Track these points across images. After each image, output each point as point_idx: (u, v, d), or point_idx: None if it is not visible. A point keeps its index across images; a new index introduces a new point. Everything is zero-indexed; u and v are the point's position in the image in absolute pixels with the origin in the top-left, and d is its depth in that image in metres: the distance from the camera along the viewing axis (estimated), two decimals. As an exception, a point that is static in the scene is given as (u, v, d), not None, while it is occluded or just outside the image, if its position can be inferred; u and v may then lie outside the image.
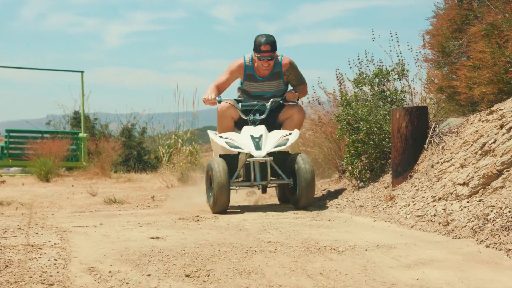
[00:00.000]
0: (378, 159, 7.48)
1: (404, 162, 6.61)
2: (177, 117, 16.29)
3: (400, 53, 8.03)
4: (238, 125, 7.39)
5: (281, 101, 7.30)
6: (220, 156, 6.96)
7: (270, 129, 7.20)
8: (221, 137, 7.02)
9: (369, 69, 7.97)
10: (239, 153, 6.96)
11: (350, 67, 8.19)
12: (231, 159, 6.93)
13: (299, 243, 4.52)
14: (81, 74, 19.87)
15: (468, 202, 5.13)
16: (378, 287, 3.44)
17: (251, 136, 6.81)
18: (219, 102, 7.26)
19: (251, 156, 6.76)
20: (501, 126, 5.50)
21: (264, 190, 7.08)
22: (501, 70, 6.15)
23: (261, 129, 6.93)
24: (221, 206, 6.49)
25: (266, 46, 7.16)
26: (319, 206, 6.93)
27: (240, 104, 7.31)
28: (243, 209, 6.97)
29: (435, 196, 5.58)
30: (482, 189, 5.20)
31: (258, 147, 6.69)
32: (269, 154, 6.73)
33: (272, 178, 6.87)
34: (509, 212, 4.46)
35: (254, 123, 7.12)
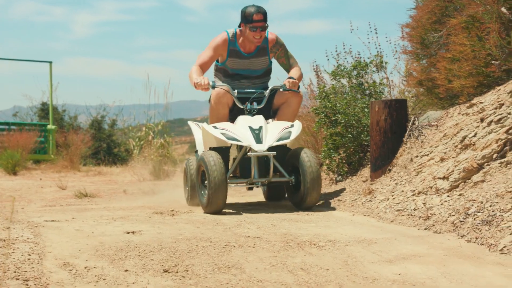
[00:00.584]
0: (356, 153, 7.52)
1: (383, 156, 6.65)
2: (148, 109, 16.25)
3: (379, 45, 8.10)
4: (230, 114, 6.78)
5: (281, 89, 6.69)
6: (211, 148, 6.50)
7: (264, 116, 6.66)
8: (215, 127, 6.38)
9: (347, 61, 8.01)
10: (231, 146, 6.62)
11: (328, 59, 8.23)
12: (222, 153, 6.44)
13: (278, 238, 4.54)
14: (50, 65, 19.73)
15: (448, 196, 5.17)
16: (360, 283, 3.46)
17: (250, 127, 6.24)
18: (213, 87, 6.58)
19: (248, 150, 6.30)
20: (482, 120, 5.56)
21: (251, 188, 6.85)
22: (481, 63, 6.20)
23: (260, 120, 6.37)
24: (217, 206, 5.99)
25: (258, 15, 6.64)
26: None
27: (236, 91, 6.69)
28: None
29: (414, 190, 5.62)
30: (463, 183, 5.25)
31: (258, 140, 6.14)
32: (269, 148, 6.18)
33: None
34: (490, 206, 4.50)
35: (251, 112, 6.55)
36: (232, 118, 6.69)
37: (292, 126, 6.38)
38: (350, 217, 5.66)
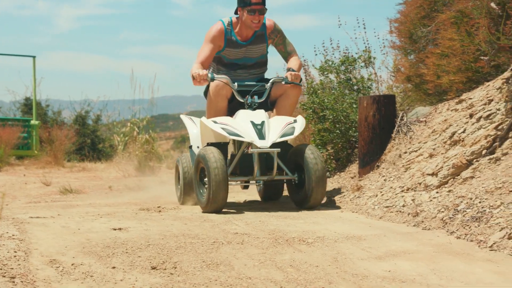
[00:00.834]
0: (344, 149, 7.54)
1: (371, 152, 6.66)
2: (133, 104, 16.22)
3: (367, 40, 8.10)
4: (229, 107, 6.50)
5: (283, 83, 6.40)
6: (209, 144, 6.20)
7: (263, 107, 6.39)
8: (215, 122, 6.09)
9: (335, 57, 8.03)
10: (229, 141, 6.37)
11: (316, 54, 8.24)
12: (220, 149, 6.07)
13: (266, 235, 4.54)
14: (33, 59, 19.65)
15: (437, 192, 5.19)
16: (350, 279, 3.47)
17: (252, 122, 5.96)
18: (212, 80, 6.27)
19: (249, 146, 6.10)
20: (471, 116, 5.58)
21: (247, 186, 6.68)
22: (470, 58, 6.23)
23: (261, 115, 6.09)
24: (217, 205, 5.73)
25: None
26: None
27: (236, 83, 6.41)
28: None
29: (403, 187, 5.64)
30: (452, 179, 5.27)
31: (261, 136, 5.86)
32: (272, 145, 5.90)
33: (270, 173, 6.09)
34: (480, 202, 4.52)
35: (252, 106, 6.26)
36: (230, 111, 6.44)
37: (295, 121, 6.13)
38: (338, 213, 5.67)
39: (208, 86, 6.55)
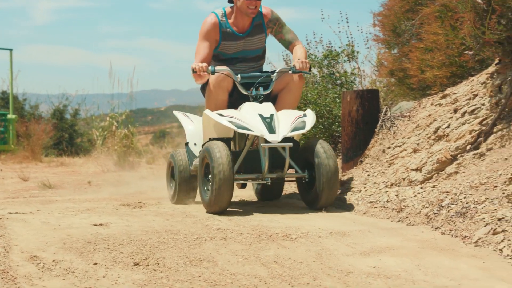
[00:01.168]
0: (327, 144, 7.55)
1: (354, 147, 6.68)
2: (111, 98, 16.18)
3: (350, 34, 8.13)
4: (229, 101, 6.09)
5: (290, 72, 6.01)
6: (211, 139, 5.78)
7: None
8: (220, 114, 5.69)
9: (318, 51, 8.04)
10: (234, 136, 6.00)
11: (299, 48, 8.23)
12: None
13: (249, 230, 4.55)
14: (10, 52, 19.51)
15: (421, 188, 5.22)
16: (335, 275, 3.49)
17: (260, 115, 5.60)
18: (213, 73, 5.88)
19: (256, 140, 5.80)
20: (455, 110, 5.61)
21: (244, 185, 6.29)
22: (454, 52, 6.26)
23: (269, 108, 5.73)
24: (222, 205, 5.38)
25: None
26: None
27: (239, 75, 6.01)
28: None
29: (387, 182, 5.67)
30: (436, 174, 5.30)
31: (271, 129, 5.50)
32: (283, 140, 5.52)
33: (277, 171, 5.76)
34: (464, 198, 4.56)
35: (257, 99, 5.87)
36: (230, 106, 6.04)
37: (305, 115, 5.76)
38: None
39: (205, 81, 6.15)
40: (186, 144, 6.41)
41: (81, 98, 23.69)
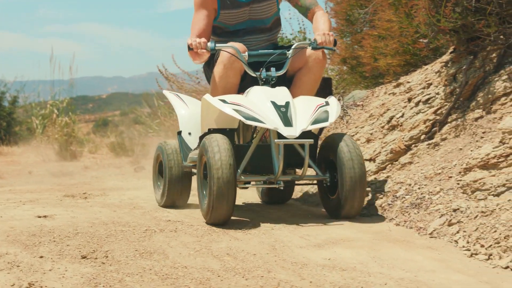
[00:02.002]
0: (278, 133, 7.57)
1: (306, 136, 6.70)
2: (52, 85, 16.00)
3: (302, 22, 8.16)
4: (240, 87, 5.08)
5: (309, 47, 5.02)
6: (211, 130, 4.79)
7: (280, 84, 4.93)
8: (223, 101, 4.64)
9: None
10: (238, 127, 5.08)
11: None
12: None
13: (200, 222, 4.55)
14: None
15: (375, 178, 5.28)
16: (290, 268, 3.51)
17: (273, 103, 4.60)
18: (213, 50, 4.89)
19: (266, 133, 4.98)
20: (409, 100, 5.68)
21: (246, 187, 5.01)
22: (408, 40, 6.33)
23: (284, 93, 4.74)
24: (221, 214, 4.43)
25: None
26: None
27: (246, 53, 4.94)
28: (135, 185, 6.94)
29: (340, 172, 5.71)
30: (390, 165, 5.36)
31: (287, 122, 4.50)
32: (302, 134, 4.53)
33: (289, 170, 5.13)
34: (419, 189, 4.61)
35: (268, 82, 4.86)
36: (241, 91, 5.04)
37: (327, 103, 4.77)
38: (273, 200, 5.71)
39: (210, 60, 5.20)
40: (179, 133, 5.48)
41: (20, 84, 23.35)
